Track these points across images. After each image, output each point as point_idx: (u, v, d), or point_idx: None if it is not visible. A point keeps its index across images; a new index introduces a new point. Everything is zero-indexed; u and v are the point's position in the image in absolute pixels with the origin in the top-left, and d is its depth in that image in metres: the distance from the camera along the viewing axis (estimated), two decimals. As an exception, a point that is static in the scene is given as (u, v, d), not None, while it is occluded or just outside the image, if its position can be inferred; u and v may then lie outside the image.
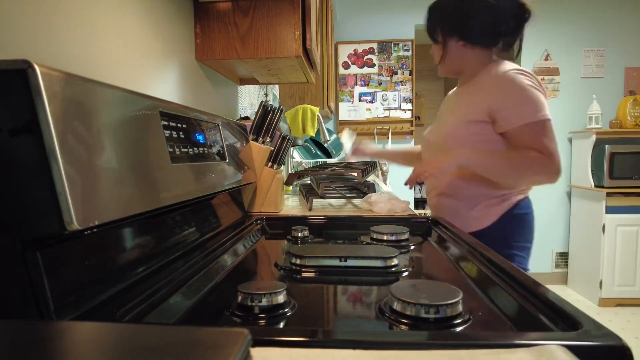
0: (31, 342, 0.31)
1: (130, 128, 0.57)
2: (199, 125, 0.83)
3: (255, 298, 0.52)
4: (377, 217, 1.22)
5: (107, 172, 0.51)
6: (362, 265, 0.72)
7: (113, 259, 0.55)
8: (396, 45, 3.89)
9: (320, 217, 1.16)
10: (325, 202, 1.56)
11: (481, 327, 0.50)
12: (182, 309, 0.57)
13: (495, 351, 0.37)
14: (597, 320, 0.43)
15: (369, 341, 0.40)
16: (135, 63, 0.91)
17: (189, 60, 1.21)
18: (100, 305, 0.50)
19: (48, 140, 0.42)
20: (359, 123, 3.92)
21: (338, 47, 3.89)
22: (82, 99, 0.49)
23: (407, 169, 4.57)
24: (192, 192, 0.73)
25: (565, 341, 0.38)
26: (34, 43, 0.60)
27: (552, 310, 0.49)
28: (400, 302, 0.50)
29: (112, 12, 0.82)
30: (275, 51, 1.23)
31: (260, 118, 1.27)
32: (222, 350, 0.28)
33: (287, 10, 1.21)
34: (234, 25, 1.23)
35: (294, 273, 0.71)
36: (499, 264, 0.66)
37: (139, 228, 0.63)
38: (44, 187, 0.42)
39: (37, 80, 0.42)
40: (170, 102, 0.73)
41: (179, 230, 0.76)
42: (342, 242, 1.00)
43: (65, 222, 0.43)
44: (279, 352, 0.37)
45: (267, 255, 0.90)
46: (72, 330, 0.36)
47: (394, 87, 3.91)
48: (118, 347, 0.31)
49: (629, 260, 3.32)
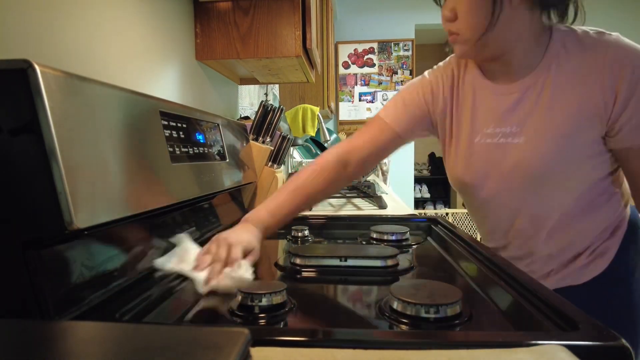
0: (31, 342, 0.31)
1: (131, 128, 0.57)
2: (199, 125, 0.83)
3: (255, 298, 0.52)
4: (377, 217, 1.22)
5: (107, 171, 0.51)
6: (362, 265, 0.72)
7: (113, 259, 0.55)
8: (396, 45, 3.89)
9: (320, 217, 1.16)
10: (325, 202, 1.56)
11: (481, 327, 0.50)
12: (182, 308, 0.57)
13: (495, 351, 0.37)
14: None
15: (369, 341, 0.40)
16: (136, 63, 0.90)
17: (189, 60, 1.21)
18: (100, 305, 0.50)
19: (48, 140, 0.42)
20: (359, 123, 3.92)
21: (338, 47, 3.89)
22: (83, 98, 0.49)
23: (406, 169, 4.48)
24: (192, 191, 0.73)
25: (565, 341, 0.38)
26: (34, 43, 0.60)
27: (552, 310, 0.49)
28: (400, 302, 0.50)
29: (113, 12, 0.82)
30: (275, 51, 1.23)
31: (260, 118, 1.27)
32: (222, 350, 0.28)
33: (287, 10, 1.21)
34: (234, 25, 1.23)
35: (294, 273, 0.71)
36: (499, 264, 0.66)
37: (139, 228, 0.63)
38: (44, 187, 0.42)
39: (37, 80, 0.42)
40: (170, 101, 0.73)
41: (179, 230, 0.76)
42: (342, 242, 1.00)
43: (65, 222, 0.43)
44: (279, 352, 0.37)
45: (267, 255, 0.90)
46: (72, 330, 0.36)
47: (394, 87, 3.91)
48: (118, 347, 0.31)
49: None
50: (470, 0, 0.71)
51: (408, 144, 0.96)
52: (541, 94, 0.75)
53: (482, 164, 0.83)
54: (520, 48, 0.75)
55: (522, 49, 0.75)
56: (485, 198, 0.85)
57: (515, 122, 0.78)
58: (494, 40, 0.73)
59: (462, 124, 0.85)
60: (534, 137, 0.76)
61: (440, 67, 0.90)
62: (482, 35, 0.71)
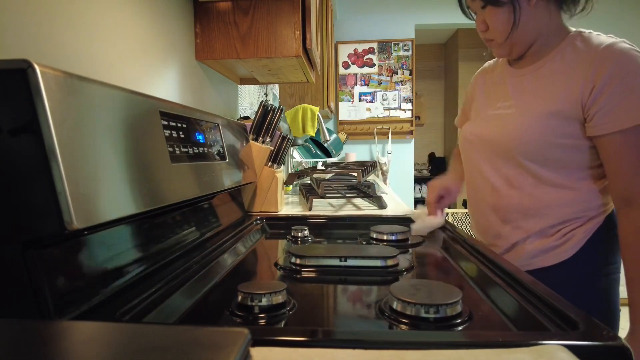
0: (31, 342, 0.31)
1: (130, 128, 0.57)
2: (199, 125, 0.83)
3: (255, 298, 0.52)
4: (377, 217, 1.22)
5: (107, 171, 0.51)
6: (362, 265, 0.72)
7: (113, 259, 0.55)
8: (396, 45, 3.89)
9: (320, 217, 1.16)
10: (325, 202, 1.56)
11: (481, 327, 0.50)
12: (182, 308, 0.57)
13: (495, 351, 0.37)
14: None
15: (369, 341, 0.40)
16: (136, 63, 0.91)
17: (189, 60, 1.21)
18: (100, 305, 0.50)
19: (48, 140, 0.42)
20: (358, 123, 3.92)
21: (338, 47, 3.89)
22: (82, 98, 0.49)
23: (405, 169, 4.50)
24: (192, 191, 0.73)
25: (565, 341, 0.38)
26: (34, 43, 0.60)
27: (552, 310, 0.49)
28: (400, 302, 0.50)
29: (112, 12, 0.82)
30: (275, 51, 1.23)
31: (260, 118, 1.27)
32: (222, 350, 0.28)
33: (287, 10, 1.21)
34: (234, 25, 1.23)
35: (294, 273, 0.71)
36: (499, 264, 0.66)
37: (139, 228, 0.63)
38: (44, 187, 0.42)
39: (37, 80, 0.42)
40: (170, 101, 0.73)
41: (179, 230, 0.76)
42: (342, 242, 1.00)
43: (65, 222, 0.43)
44: (279, 352, 0.37)
45: (267, 255, 0.90)
46: (72, 330, 0.36)
47: (394, 87, 3.91)
48: (118, 347, 0.31)
49: (628, 260, 3.31)
50: (495, 11, 0.87)
51: (407, 144, 1.17)
52: (540, 77, 0.90)
53: (481, 130, 0.99)
54: (540, 41, 0.90)
55: (541, 42, 0.90)
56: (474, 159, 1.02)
57: (513, 96, 0.94)
58: (520, 37, 0.89)
59: (481, 101, 1.04)
60: (523, 110, 0.90)
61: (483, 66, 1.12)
62: (510, 35, 0.88)
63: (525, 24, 0.86)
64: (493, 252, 0.74)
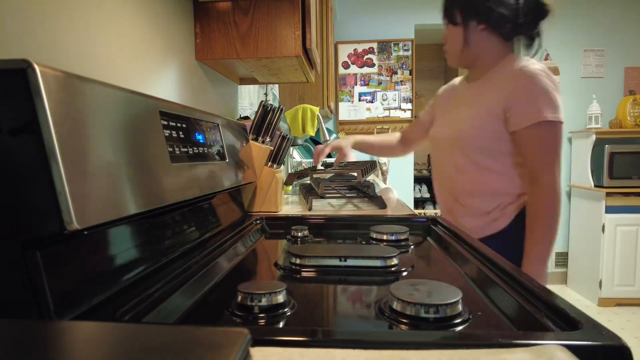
0: (31, 342, 0.31)
1: (130, 128, 0.57)
2: (199, 125, 0.83)
3: (255, 298, 0.52)
4: (377, 217, 1.21)
5: (107, 171, 0.51)
6: (362, 265, 0.72)
7: (113, 259, 0.55)
8: (396, 45, 3.89)
9: (320, 217, 1.16)
10: (325, 202, 1.56)
11: (481, 327, 0.50)
12: (182, 308, 0.57)
13: (495, 351, 0.37)
14: (596, 320, 0.43)
15: (369, 341, 0.40)
16: (135, 63, 0.90)
17: (189, 60, 1.21)
18: (100, 305, 0.50)
19: (48, 140, 0.42)
20: (358, 123, 3.92)
21: (338, 47, 3.89)
22: (82, 98, 0.49)
23: (405, 169, 4.53)
24: (191, 191, 0.73)
25: (565, 341, 0.38)
26: (34, 43, 0.60)
27: (551, 310, 0.49)
28: (400, 302, 0.50)
29: (112, 12, 0.82)
30: (275, 51, 1.23)
31: (260, 118, 1.27)
32: (222, 350, 0.28)
33: (287, 10, 1.21)
34: (234, 25, 1.23)
35: (294, 273, 0.71)
36: (499, 264, 0.66)
37: (138, 228, 0.63)
38: (44, 187, 0.42)
39: (36, 80, 0.42)
40: (170, 101, 0.73)
41: (179, 230, 0.76)
42: (342, 242, 1.00)
43: (65, 222, 0.43)
44: (279, 352, 0.37)
45: (266, 255, 0.90)
46: (72, 330, 0.36)
47: (394, 87, 3.91)
48: (118, 347, 0.31)
49: (628, 260, 3.32)
50: (452, 30, 1.22)
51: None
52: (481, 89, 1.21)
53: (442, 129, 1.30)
54: (483, 61, 1.20)
55: (484, 61, 1.20)
56: (437, 152, 1.33)
57: (463, 103, 1.24)
58: (468, 55, 1.21)
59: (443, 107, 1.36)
60: (468, 114, 1.19)
61: (450, 82, 1.43)
62: (461, 51, 1.20)
63: (473, 45, 1.18)
64: (493, 252, 0.74)
